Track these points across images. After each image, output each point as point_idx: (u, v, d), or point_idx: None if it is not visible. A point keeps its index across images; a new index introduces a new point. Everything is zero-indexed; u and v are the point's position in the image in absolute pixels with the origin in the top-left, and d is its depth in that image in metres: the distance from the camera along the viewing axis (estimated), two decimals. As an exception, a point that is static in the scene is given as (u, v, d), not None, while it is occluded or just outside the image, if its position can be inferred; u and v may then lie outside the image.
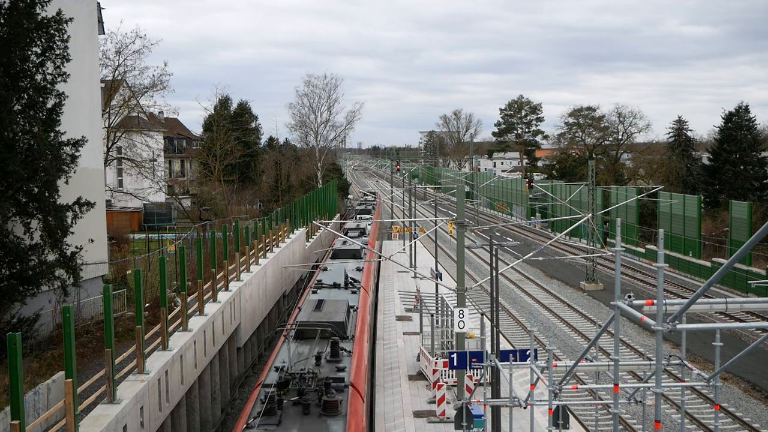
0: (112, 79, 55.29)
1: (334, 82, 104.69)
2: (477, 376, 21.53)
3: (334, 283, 27.24)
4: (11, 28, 24.15)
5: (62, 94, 26.37)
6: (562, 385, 13.74)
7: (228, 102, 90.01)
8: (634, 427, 24.20)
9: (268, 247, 37.42)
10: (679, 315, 9.26)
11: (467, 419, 16.63)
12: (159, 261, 21.88)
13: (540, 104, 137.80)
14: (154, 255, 42.19)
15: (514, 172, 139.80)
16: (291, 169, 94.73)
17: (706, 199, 67.35)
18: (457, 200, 23.76)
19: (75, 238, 27.05)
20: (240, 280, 29.78)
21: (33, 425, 13.81)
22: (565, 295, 46.63)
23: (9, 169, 23.47)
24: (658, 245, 9.75)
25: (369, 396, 20.90)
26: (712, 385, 12.00)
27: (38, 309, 26.47)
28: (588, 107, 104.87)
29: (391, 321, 35.06)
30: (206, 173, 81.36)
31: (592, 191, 49.11)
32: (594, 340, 12.93)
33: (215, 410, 25.13)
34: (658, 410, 10.18)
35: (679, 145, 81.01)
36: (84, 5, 32.92)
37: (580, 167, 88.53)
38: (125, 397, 16.54)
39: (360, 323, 21.63)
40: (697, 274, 49.60)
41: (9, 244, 24.36)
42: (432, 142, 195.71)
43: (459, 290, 22.62)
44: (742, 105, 70.88)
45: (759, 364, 30.44)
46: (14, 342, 12.29)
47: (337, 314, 20.16)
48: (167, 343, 20.34)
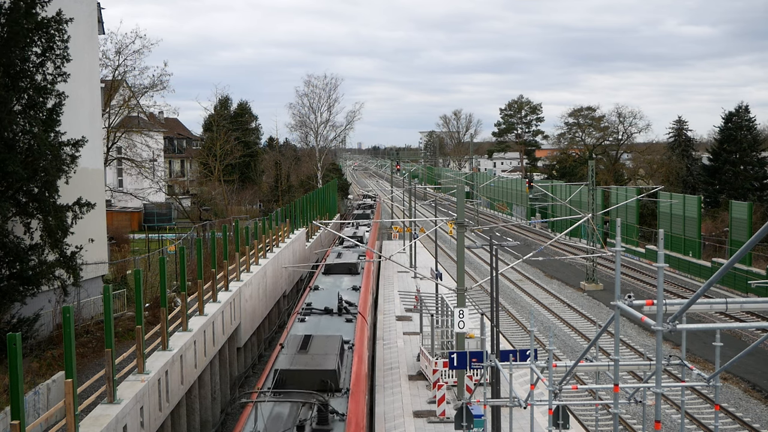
0: (112, 79, 55.32)
1: (334, 82, 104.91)
2: (477, 376, 21.53)
3: (326, 308, 22.92)
4: (11, 28, 24.15)
5: (62, 94, 26.38)
6: (562, 385, 13.74)
7: (228, 102, 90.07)
8: (634, 427, 24.20)
9: (268, 247, 37.42)
10: (679, 315, 9.25)
11: (467, 419, 16.63)
12: (159, 261, 21.89)
13: (540, 104, 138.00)
14: (154, 255, 42.19)
15: (514, 172, 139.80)
16: (291, 169, 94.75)
17: (706, 199, 67.35)
18: (457, 200, 23.76)
19: (75, 238, 27.06)
20: (240, 280, 29.78)
21: (33, 425, 13.81)
22: (565, 295, 46.63)
23: (9, 169, 23.48)
24: (658, 245, 9.75)
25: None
26: (712, 385, 12.00)
27: (38, 309, 26.47)
28: (588, 107, 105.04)
29: (391, 321, 35.06)
30: (206, 173, 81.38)
31: (592, 191, 49.11)
32: (594, 340, 12.92)
33: (215, 410, 25.13)
34: (658, 410, 10.18)
35: (679, 145, 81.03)
36: (84, 5, 32.93)
37: (580, 167, 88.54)
38: (125, 397, 16.54)
39: (356, 366, 17.74)
40: (697, 274, 49.60)
41: (9, 244, 24.37)
42: (432, 142, 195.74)
43: (459, 290, 22.62)
44: (742, 105, 70.97)
45: (759, 364, 30.43)
46: (14, 342, 12.29)
47: (327, 358, 16.21)
48: (167, 343, 20.34)
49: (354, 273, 30.31)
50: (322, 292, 26.61)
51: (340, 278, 29.23)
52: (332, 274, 30.31)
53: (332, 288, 27.00)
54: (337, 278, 29.22)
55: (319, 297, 25.40)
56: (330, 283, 28.23)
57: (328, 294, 25.91)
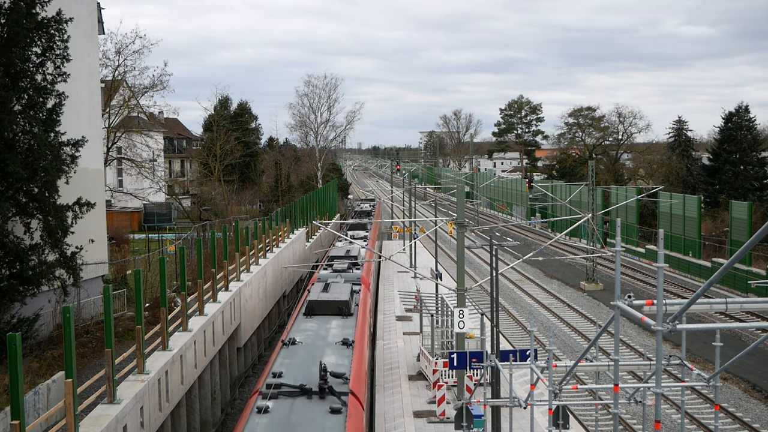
0: (112, 79, 55.34)
1: (334, 82, 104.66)
2: (477, 376, 21.53)
3: (301, 386, 14.51)
4: (11, 28, 24.16)
5: (62, 94, 26.38)
6: (562, 385, 13.74)
7: (228, 102, 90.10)
8: (634, 427, 24.20)
9: (268, 247, 37.43)
10: (679, 315, 9.26)
11: (467, 419, 16.64)
12: (159, 261, 21.88)
13: (540, 104, 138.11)
14: (154, 255, 42.21)
15: (514, 172, 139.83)
16: (291, 169, 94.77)
17: (706, 199, 67.37)
18: (457, 200, 23.77)
19: (75, 238, 27.06)
20: (240, 281, 29.79)
21: (33, 425, 13.81)
22: (565, 295, 46.64)
23: (9, 169, 23.49)
24: (658, 245, 9.75)
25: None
26: (712, 385, 12.00)
27: (38, 309, 26.47)
28: (588, 107, 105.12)
29: (391, 321, 35.08)
30: (206, 173, 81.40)
31: (592, 191, 49.12)
32: (594, 340, 12.93)
33: (215, 410, 25.14)
34: (658, 410, 10.19)
35: (679, 145, 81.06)
36: (84, 5, 32.93)
37: (580, 167, 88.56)
38: (125, 397, 16.54)
39: None
40: (697, 274, 49.60)
41: (9, 244, 24.38)
42: (432, 143, 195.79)
43: (459, 290, 22.63)
44: (742, 105, 71.01)
45: (759, 364, 30.44)
46: (14, 342, 12.30)
47: None
48: (167, 343, 20.34)
49: (345, 314, 22.19)
50: (298, 351, 18.24)
51: (326, 324, 21.23)
52: (315, 316, 22.14)
53: (313, 342, 19.18)
54: (322, 324, 21.23)
55: (294, 360, 17.42)
56: (311, 333, 20.14)
57: (307, 355, 17.84)
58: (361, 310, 23.57)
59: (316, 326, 20.88)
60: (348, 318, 21.96)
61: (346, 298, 22.83)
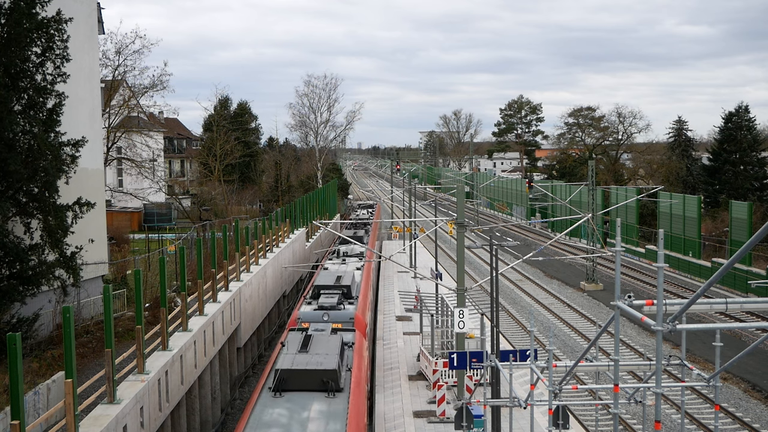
0: (112, 79, 55.38)
1: (334, 82, 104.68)
2: (477, 376, 21.54)
3: None
4: (11, 28, 24.17)
5: (62, 94, 26.38)
6: (562, 385, 13.75)
7: (228, 102, 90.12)
8: (634, 427, 24.20)
9: (268, 247, 37.43)
10: (679, 315, 9.26)
11: (467, 419, 16.64)
12: (159, 261, 21.88)
13: (540, 104, 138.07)
14: (154, 255, 42.21)
15: (514, 172, 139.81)
16: (291, 169, 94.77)
17: (706, 199, 67.38)
18: (457, 200, 23.77)
19: (75, 238, 27.07)
20: (240, 280, 29.78)
21: (33, 425, 13.81)
22: (565, 295, 46.64)
23: (9, 169, 23.50)
24: (658, 245, 9.75)
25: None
26: (712, 385, 12.00)
27: (38, 309, 26.48)
28: (588, 107, 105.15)
29: (391, 321, 35.08)
30: (206, 173, 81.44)
31: (592, 191, 49.12)
32: (594, 341, 12.93)
33: (215, 410, 25.13)
34: (658, 410, 10.19)
35: (679, 145, 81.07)
36: (84, 5, 32.94)
37: (580, 167, 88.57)
38: (125, 397, 16.54)
39: None
40: (697, 274, 49.60)
41: (9, 244, 24.38)
42: (432, 143, 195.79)
43: (459, 290, 22.62)
44: (742, 105, 70.99)
45: (759, 364, 30.44)
46: (14, 342, 12.30)
47: None
48: (167, 343, 20.34)
49: (332, 389, 15.25)
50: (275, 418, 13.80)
51: (302, 409, 14.41)
52: (288, 392, 15.18)
53: (290, 408, 14.37)
54: (296, 408, 14.45)
55: None
56: (283, 422, 13.77)
57: None
58: (355, 379, 16.41)
59: (287, 414, 14.08)
60: (336, 397, 15.07)
61: (333, 364, 15.74)
